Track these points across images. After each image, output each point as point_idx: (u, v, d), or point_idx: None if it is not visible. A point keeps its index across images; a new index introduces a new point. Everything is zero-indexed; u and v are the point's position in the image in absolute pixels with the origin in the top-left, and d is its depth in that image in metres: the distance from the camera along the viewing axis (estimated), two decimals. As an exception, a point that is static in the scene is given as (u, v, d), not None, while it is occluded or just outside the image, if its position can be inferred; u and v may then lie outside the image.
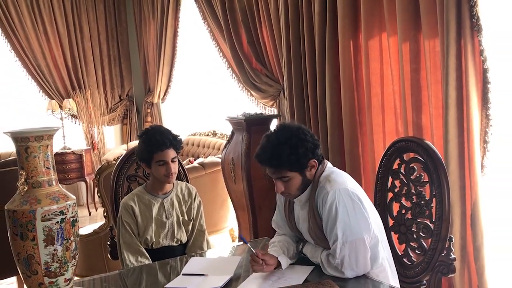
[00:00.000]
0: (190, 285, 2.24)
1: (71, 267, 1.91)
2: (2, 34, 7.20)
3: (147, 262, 2.76)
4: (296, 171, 2.26)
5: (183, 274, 2.40)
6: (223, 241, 5.41)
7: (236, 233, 5.09)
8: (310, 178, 2.31)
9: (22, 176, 1.84)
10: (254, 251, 2.26)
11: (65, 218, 1.87)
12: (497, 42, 3.03)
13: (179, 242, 2.89)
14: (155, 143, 2.75)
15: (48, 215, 1.83)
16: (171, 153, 2.78)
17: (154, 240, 2.83)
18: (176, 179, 2.99)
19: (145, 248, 2.84)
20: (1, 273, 4.11)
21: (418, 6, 3.30)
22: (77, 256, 1.94)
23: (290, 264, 2.36)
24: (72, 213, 1.90)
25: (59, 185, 1.95)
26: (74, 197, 1.96)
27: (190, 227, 2.94)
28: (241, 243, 4.36)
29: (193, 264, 2.51)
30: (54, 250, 1.85)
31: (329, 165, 2.38)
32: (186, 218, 2.93)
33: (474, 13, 2.98)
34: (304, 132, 2.27)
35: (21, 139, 1.83)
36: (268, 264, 2.26)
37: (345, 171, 2.62)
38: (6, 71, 7.50)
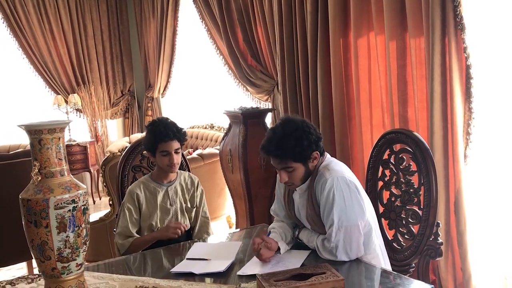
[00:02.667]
0: (194, 269, 2.23)
1: (82, 252, 1.89)
2: (10, 32, 7.11)
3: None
4: (300, 161, 2.25)
5: (187, 259, 2.39)
6: (221, 227, 5.41)
7: (234, 220, 5.08)
8: (312, 169, 2.29)
9: (36, 167, 1.81)
10: (262, 241, 2.26)
11: (76, 207, 1.84)
12: (480, 40, 3.03)
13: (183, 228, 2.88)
14: (159, 134, 2.74)
15: (61, 203, 1.80)
16: (175, 144, 2.76)
17: (159, 225, 2.81)
18: (179, 169, 2.97)
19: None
20: (13, 259, 4.09)
21: (404, 7, 3.30)
22: (87, 242, 1.92)
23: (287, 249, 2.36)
24: (83, 201, 1.87)
25: (71, 175, 1.93)
26: (85, 187, 1.93)
27: (193, 214, 2.93)
28: (238, 229, 4.37)
29: (196, 249, 2.50)
30: (66, 236, 1.83)
31: (328, 156, 2.37)
32: (189, 205, 2.91)
33: (458, 12, 2.98)
34: (308, 125, 2.26)
35: (34, 131, 1.80)
36: (270, 249, 2.25)
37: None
38: (14, 68, 7.42)
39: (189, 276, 2.19)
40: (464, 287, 3.19)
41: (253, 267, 2.20)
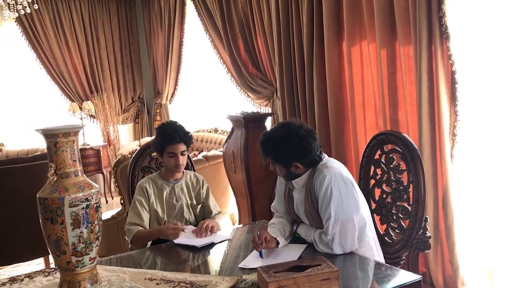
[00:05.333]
0: (194, 243, 2.34)
1: (95, 247, 1.89)
2: (28, 45, 7.15)
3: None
4: (279, 163, 2.29)
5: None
6: (225, 224, 5.40)
7: (236, 217, 5.07)
8: (299, 172, 2.30)
9: (52, 168, 1.82)
10: (259, 235, 2.26)
11: (89, 204, 1.85)
12: (464, 47, 3.03)
13: (188, 223, 2.88)
14: (167, 137, 2.75)
15: (75, 201, 1.81)
16: (181, 147, 2.77)
17: (165, 219, 2.82)
18: (185, 169, 2.98)
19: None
20: (31, 255, 4.10)
21: (394, 18, 3.31)
22: (100, 238, 1.92)
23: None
24: (96, 200, 1.88)
25: (84, 175, 1.94)
26: (97, 186, 1.94)
27: (198, 210, 2.93)
28: (241, 225, 4.36)
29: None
30: (80, 232, 1.83)
31: (326, 156, 2.38)
32: (194, 202, 2.92)
33: (443, 23, 2.99)
34: (302, 137, 2.22)
35: (51, 135, 1.80)
36: (269, 246, 2.26)
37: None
38: (32, 78, 7.43)
39: (194, 268, 2.18)
40: (452, 279, 3.19)
41: (253, 260, 2.20)
